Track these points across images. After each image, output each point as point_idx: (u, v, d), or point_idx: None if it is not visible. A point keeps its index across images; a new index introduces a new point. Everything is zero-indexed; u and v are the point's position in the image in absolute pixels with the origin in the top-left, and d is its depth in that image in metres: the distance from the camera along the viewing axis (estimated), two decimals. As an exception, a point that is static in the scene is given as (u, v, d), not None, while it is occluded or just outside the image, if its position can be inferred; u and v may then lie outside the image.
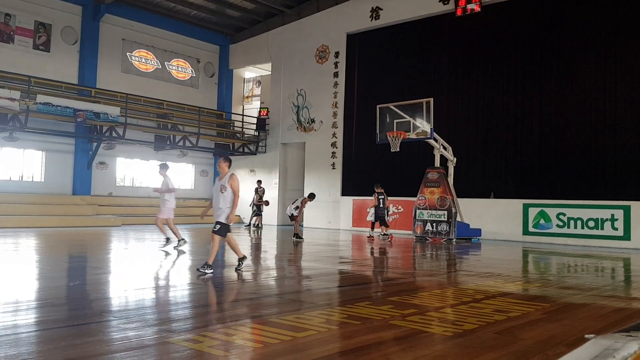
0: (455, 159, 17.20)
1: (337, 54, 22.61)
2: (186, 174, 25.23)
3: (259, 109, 25.94)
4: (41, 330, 4.49)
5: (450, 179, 16.88)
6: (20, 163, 19.87)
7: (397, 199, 18.96)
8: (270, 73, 25.53)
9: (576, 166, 16.78)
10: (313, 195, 15.49)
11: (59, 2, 20.64)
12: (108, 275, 8.16)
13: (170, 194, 11.39)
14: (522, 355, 3.90)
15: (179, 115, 23.40)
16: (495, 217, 17.73)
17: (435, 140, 16.26)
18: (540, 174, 17.54)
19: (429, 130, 15.60)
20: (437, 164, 16.67)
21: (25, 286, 6.84)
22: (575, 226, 16.42)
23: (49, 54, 20.44)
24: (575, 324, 5.01)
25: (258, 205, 20.63)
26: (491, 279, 8.21)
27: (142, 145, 22.08)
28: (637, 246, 15.27)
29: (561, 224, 16.66)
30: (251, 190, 21.81)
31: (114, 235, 14.77)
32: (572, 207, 16.51)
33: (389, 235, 16.34)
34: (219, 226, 7.87)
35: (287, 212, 15.48)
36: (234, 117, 26.31)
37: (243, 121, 25.58)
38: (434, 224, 16.25)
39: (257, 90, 27.87)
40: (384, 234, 17.72)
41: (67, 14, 20.98)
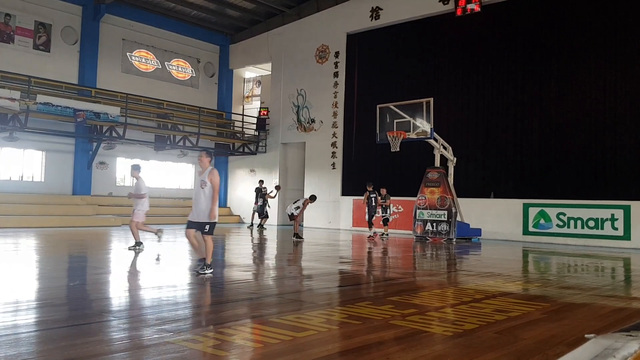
0: (455, 158, 17.20)
1: (337, 54, 22.60)
2: (186, 174, 25.22)
3: (259, 109, 25.92)
4: (41, 330, 4.50)
5: (451, 179, 16.88)
6: (20, 163, 19.86)
7: (397, 199, 18.95)
8: (270, 73, 25.51)
9: (576, 166, 16.78)
10: (314, 197, 15.55)
11: (59, 2, 20.63)
12: (108, 275, 8.17)
13: (145, 197, 11.13)
14: (523, 355, 3.90)
15: (179, 115, 23.40)
16: (495, 217, 17.72)
17: (435, 140, 16.26)
18: (540, 174, 17.54)
19: (429, 130, 15.60)
20: (437, 163, 16.67)
21: (26, 286, 6.84)
22: (576, 226, 16.42)
23: (49, 54, 20.43)
24: (576, 324, 5.02)
25: (263, 205, 20.63)
26: (491, 278, 8.21)
27: (142, 145, 22.07)
28: (637, 246, 15.26)
29: (561, 223, 16.65)
30: (251, 190, 21.82)
31: (114, 235, 14.76)
32: (572, 207, 16.50)
33: (374, 235, 16.80)
34: (208, 227, 7.70)
35: (287, 211, 15.48)
36: (234, 117, 26.30)
37: (243, 121, 25.58)
38: (434, 224, 16.25)
39: (257, 90, 27.86)
40: (384, 233, 17.75)
41: (67, 14, 20.96)
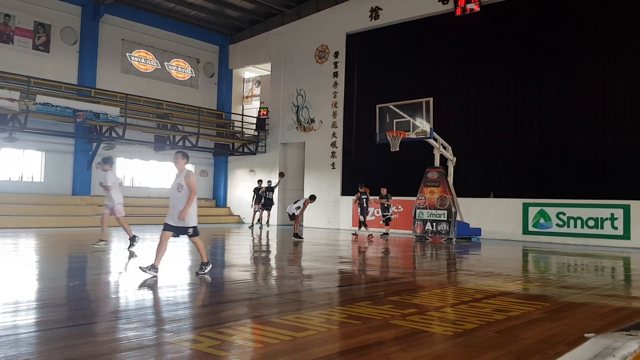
0: (454, 158, 17.21)
1: (337, 54, 22.60)
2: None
3: (258, 109, 25.93)
4: (41, 331, 4.50)
5: (450, 179, 16.88)
6: (19, 163, 19.85)
7: (397, 199, 18.95)
8: (269, 73, 25.51)
9: (576, 165, 16.78)
10: (314, 197, 15.59)
11: (58, 3, 20.62)
12: (108, 276, 8.17)
13: (115, 190, 10.96)
14: (522, 355, 3.90)
15: (179, 115, 23.39)
16: (495, 217, 17.73)
17: (435, 139, 16.26)
18: (540, 173, 17.54)
19: (429, 130, 15.60)
20: (437, 163, 16.67)
21: (25, 287, 6.84)
22: (575, 225, 16.42)
23: (48, 55, 20.42)
24: (575, 323, 5.02)
25: (267, 201, 20.70)
26: (491, 278, 8.22)
27: (142, 146, 22.07)
28: (637, 245, 15.27)
29: (561, 223, 16.66)
30: (251, 190, 21.81)
31: (113, 235, 14.75)
32: (572, 207, 16.51)
33: (356, 234, 17.50)
34: (192, 230, 7.56)
35: (288, 211, 15.48)
36: (233, 117, 26.30)
37: (243, 121, 25.57)
38: (434, 224, 16.25)
39: (257, 90, 27.86)
40: (384, 232, 17.76)
41: (67, 14, 20.95)
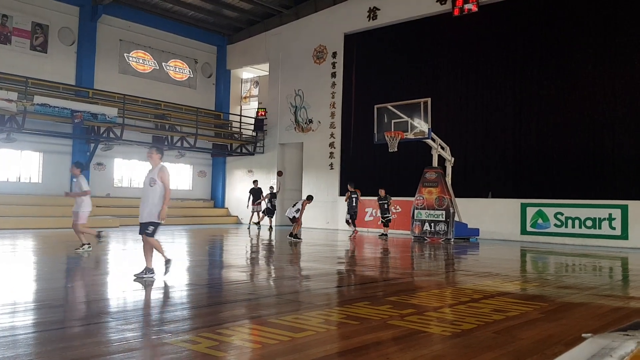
0: (453, 158, 17.21)
1: (335, 54, 22.60)
2: (184, 175, 25.20)
3: (256, 110, 25.90)
4: (39, 332, 4.49)
5: (448, 179, 16.89)
6: (17, 164, 19.80)
7: (396, 199, 18.94)
8: (267, 73, 25.50)
9: (574, 165, 16.79)
10: (311, 197, 15.65)
11: (56, 3, 20.58)
12: (106, 277, 8.16)
13: (86, 196, 10.82)
14: (521, 355, 3.90)
15: (177, 115, 23.37)
16: (493, 217, 17.74)
17: (433, 140, 16.26)
18: (538, 174, 17.55)
19: (427, 130, 15.60)
20: (435, 163, 16.67)
21: (23, 287, 6.83)
22: (573, 225, 16.44)
23: (46, 55, 20.39)
24: (573, 324, 5.02)
25: (272, 209, 20.80)
26: (489, 278, 8.22)
27: (140, 146, 22.01)
28: (635, 245, 15.29)
29: (559, 223, 16.67)
30: (247, 190, 21.82)
31: (111, 236, 14.73)
32: (570, 207, 16.52)
33: (354, 233, 17.70)
34: (152, 227, 7.25)
35: (288, 215, 15.44)
36: (231, 118, 26.28)
37: (241, 122, 25.56)
38: (432, 224, 16.25)
39: (255, 91, 27.84)
40: (383, 233, 17.76)
41: (65, 14, 20.92)
